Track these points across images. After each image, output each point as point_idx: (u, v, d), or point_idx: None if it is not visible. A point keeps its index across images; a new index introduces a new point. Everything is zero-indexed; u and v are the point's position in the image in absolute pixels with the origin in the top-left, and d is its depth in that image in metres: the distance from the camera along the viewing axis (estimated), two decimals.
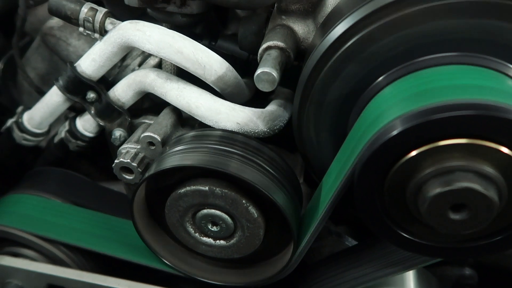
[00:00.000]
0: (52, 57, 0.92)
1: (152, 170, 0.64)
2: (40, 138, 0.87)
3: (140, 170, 0.72)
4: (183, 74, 0.73)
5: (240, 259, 0.70)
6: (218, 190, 0.61)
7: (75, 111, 0.84)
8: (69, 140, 0.83)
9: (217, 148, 0.62)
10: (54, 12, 0.74)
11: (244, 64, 0.79)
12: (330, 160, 0.62)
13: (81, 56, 0.77)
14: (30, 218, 0.80)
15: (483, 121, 0.46)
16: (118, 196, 0.88)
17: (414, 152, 0.49)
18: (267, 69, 0.63)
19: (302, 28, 0.71)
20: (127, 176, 0.74)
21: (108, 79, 0.80)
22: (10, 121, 0.87)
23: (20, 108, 0.87)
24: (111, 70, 0.78)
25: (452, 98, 0.47)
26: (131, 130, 0.79)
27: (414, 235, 0.57)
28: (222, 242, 0.67)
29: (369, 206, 0.54)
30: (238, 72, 0.72)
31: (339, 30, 0.58)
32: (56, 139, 0.87)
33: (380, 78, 0.58)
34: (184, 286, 0.78)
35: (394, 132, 0.48)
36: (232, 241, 0.67)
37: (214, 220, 0.65)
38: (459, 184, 0.47)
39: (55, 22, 0.87)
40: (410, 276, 0.76)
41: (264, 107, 0.73)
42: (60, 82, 0.77)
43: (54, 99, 0.80)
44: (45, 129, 0.86)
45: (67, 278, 0.76)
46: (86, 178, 0.89)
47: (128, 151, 0.73)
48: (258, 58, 0.69)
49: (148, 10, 0.77)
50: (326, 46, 0.59)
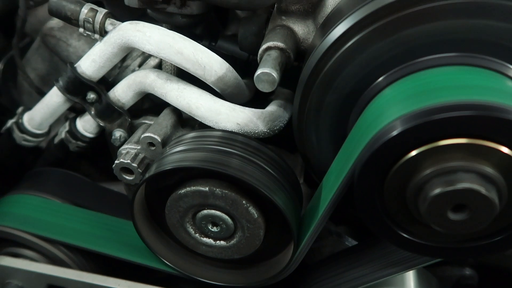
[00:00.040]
0: (52, 57, 0.92)
1: (152, 170, 0.64)
2: (40, 139, 0.87)
3: (140, 171, 0.72)
4: (183, 75, 0.73)
5: (240, 259, 0.70)
6: (218, 190, 0.61)
7: (75, 111, 0.84)
8: (69, 141, 0.83)
9: (217, 148, 0.62)
10: (54, 13, 0.74)
11: (244, 64, 0.79)
12: (330, 160, 0.62)
13: (81, 56, 0.77)
14: (30, 218, 0.80)
15: (483, 121, 0.46)
16: (118, 196, 0.88)
17: (414, 152, 0.49)
18: (267, 69, 0.63)
19: (302, 29, 0.71)
20: (127, 177, 0.74)
21: (108, 80, 0.80)
22: (10, 121, 0.87)
23: (20, 109, 0.87)
24: (111, 70, 0.78)
25: (452, 99, 0.47)
26: (131, 130, 0.79)
27: (414, 235, 0.57)
28: (222, 242, 0.67)
29: (369, 206, 0.54)
30: (238, 72, 0.72)
31: (339, 30, 0.58)
32: (56, 140, 0.87)
33: (380, 79, 0.58)
34: (184, 287, 0.78)
35: (394, 133, 0.48)
36: (232, 241, 0.67)
37: (214, 221, 0.65)
38: (462, 184, 0.47)
39: (55, 23, 0.87)
40: (410, 276, 0.76)
41: (264, 107, 0.73)
42: (60, 82, 0.77)
43: (54, 99, 0.80)
44: (45, 129, 0.86)
45: (67, 279, 0.76)
46: (86, 178, 0.89)
47: (128, 152, 0.73)
48: (258, 58, 0.69)
49: (148, 11, 0.77)
50: (326, 46, 0.59)
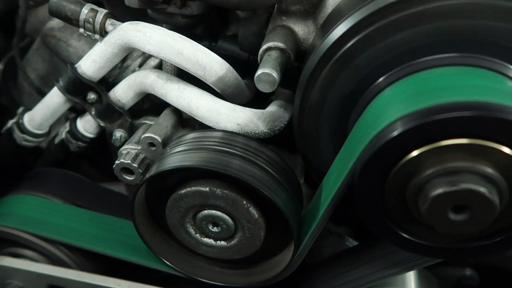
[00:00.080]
0: (52, 58, 0.92)
1: (152, 171, 0.64)
2: (40, 139, 0.87)
3: (140, 171, 0.72)
4: (184, 75, 0.73)
5: (241, 259, 0.70)
6: (218, 191, 0.61)
7: (75, 112, 0.84)
8: (69, 141, 0.83)
9: (217, 149, 0.62)
10: (54, 13, 0.74)
11: (244, 65, 0.79)
12: (330, 160, 0.62)
13: (81, 57, 0.77)
14: (31, 218, 0.81)
15: (484, 121, 0.46)
16: (119, 196, 0.88)
17: (416, 153, 0.49)
18: (267, 70, 0.63)
19: (302, 29, 0.71)
20: (127, 177, 0.74)
21: (109, 80, 0.80)
22: (11, 122, 0.87)
23: (20, 109, 0.87)
24: (111, 71, 0.78)
25: (453, 99, 0.47)
26: (131, 131, 0.79)
27: (414, 236, 0.56)
28: (222, 242, 0.67)
29: (369, 206, 0.54)
30: (238, 73, 0.72)
31: (339, 31, 0.58)
32: (56, 140, 0.87)
33: (381, 79, 0.58)
34: (184, 287, 0.78)
35: (395, 133, 0.48)
36: (232, 242, 0.67)
37: (215, 221, 0.65)
38: (464, 185, 0.47)
39: (55, 23, 0.87)
40: (411, 277, 0.76)
41: (264, 108, 0.73)
42: (61, 83, 0.77)
43: (54, 100, 0.80)
44: (45, 130, 0.86)
45: (67, 279, 0.76)
46: (86, 179, 0.89)
47: (128, 152, 0.73)
48: (259, 59, 0.69)
49: (149, 11, 0.77)
50: (326, 47, 0.59)
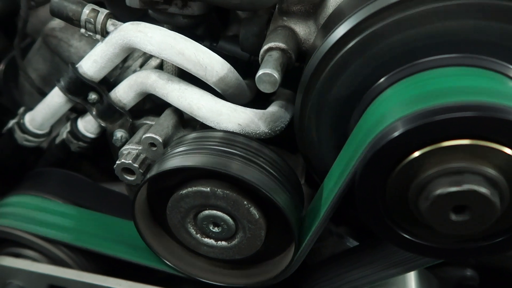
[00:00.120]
0: (53, 58, 0.92)
1: (153, 171, 0.64)
2: (41, 139, 0.87)
3: (141, 171, 0.72)
4: (185, 76, 0.73)
5: (242, 260, 0.70)
6: (219, 191, 0.61)
7: (76, 112, 0.84)
8: (70, 141, 0.83)
9: (218, 149, 0.62)
10: (55, 14, 0.74)
11: (245, 65, 0.79)
12: (331, 161, 0.62)
13: (82, 57, 0.77)
14: (32, 218, 0.81)
15: (486, 122, 0.46)
16: (120, 197, 0.88)
17: (417, 153, 0.49)
18: (268, 70, 0.63)
19: (303, 29, 0.71)
20: (128, 177, 0.74)
21: (110, 80, 0.80)
22: (12, 122, 0.87)
23: (21, 109, 0.87)
24: (112, 71, 0.78)
25: (454, 100, 0.47)
26: (132, 131, 0.79)
27: (415, 236, 0.56)
28: (223, 243, 0.67)
29: (370, 207, 0.54)
30: (239, 73, 0.72)
31: (340, 31, 0.58)
32: (57, 140, 0.87)
33: (382, 79, 0.58)
34: (185, 287, 0.78)
35: (396, 133, 0.48)
36: (233, 242, 0.67)
37: (216, 221, 0.65)
38: (466, 186, 0.47)
39: (56, 23, 0.87)
40: (412, 277, 0.76)
41: (265, 108, 0.73)
42: (62, 83, 0.77)
43: (55, 100, 0.80)
44: (46, 130, 0.86)
45: (68, 279, 0.76)
46: (87, 179, 0.89)
47: (129, 152, 0.73)
48: (260, 59, 0.68)
49: (150, 11, 0.77)
50: (327, 47, 0.59)
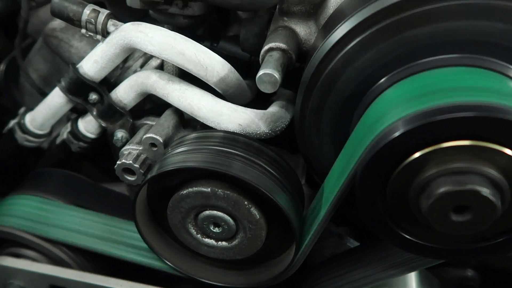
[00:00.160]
0: (54, 58, 0.92)
1: (154, 171, 0.64)
2: (42, 139, 0.87)
3: (142, 172, 0.72)
4: (185, 76, 0.73)
5: (242, 260, 0.70)
6: (220, 191, 0.61)
7: (77, 112, 0.85)
8: (71, 141, 0.83)
9: (219, 149, 0.62)
10: (56, 14, 0.74)
11: (246, 65, 0.79)
12: (332, 161, 0.62)
13: (83, 57, 0.77)
14: (32, 219, 0.81)
15: (486, 122, 0.46)
16: (120, 197, 0.88)
17: (418, 154, 0.49)
18: (269, 70, 0.63)
19: (304, 30, 0.71)
20: (129, 178, 0.74)
21: (110, 81, 0.80)
22: (12, 122, 0.87)
23: (22, 109, 0.87)
24: (113, 71, 0.78)
25: (455, 100, 0.47)
26: (133, 131, 0.79)
27: (416, 237, 0.56)
28: (224, 243, 0.67)
29: (371, 207, 0.54)
30: (239, 73, 0.72)
31: (341, 31, 0.58)
32: (58, 140, 0.87)
33: (382, 80, 0.58)
34: (185, 287, 0.78)
35: (397, 134, 0.48)
36: (234, 242, 0.66)
37: (216, 222, 0.65)
38: (470, 186, 0.47)
39: (57, 23, 0.87)
40: (412, 278, 0.76)
41: (265, 108, 0.73)
42: (62, 83, 0.77)
43: (56, 100, 0.80)
44: (47, 130, 0.86)
45: (69, 279, 0.76)
46: (88, 179, 0.89)
47: (130, 153, 0.73)
48: (260, 59, 0.68)
49: (150, 12, 0.77)
50: (328, 47, 0.59)
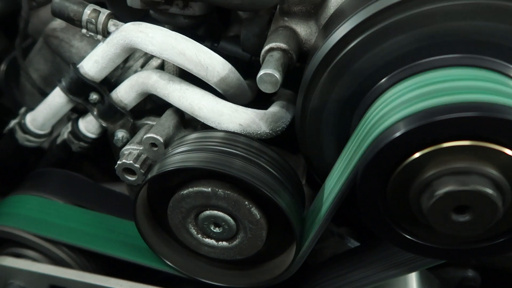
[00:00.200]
0: (54, 58, 0.92)
1: (154, 171, 0.64)
2: (42, 139, 0.87)
3: (142, 172, 0.72)
4: (186, 76, 0.73)
5: (243, 260, 0.70)
6: (220, 191, 0.61)
7: (77, 112, 0.85)
8: (71, 141, 0.83)
9: (219, 149, 0.62)
10: (57, 14, 0.75)
11: (246, 65, 0.79)
12: (332, 161, 0.62)
13: (83, 57, 0.77)
14: (32, 219, 0.81)
15: (487, 122, 0.46)
16: (121, 197, 0.88)
17: (418, 154, 0.49)
18: (269, 70, 0.63)
19: (304, 30, 0.71)
20: (129, 178, 0.74)
21: (111, 81, 0.80)
22: (13, 122, 0.87)
23: (22, 109, 0.87)
24: (113, 71, 0.78)
25: (456, 100, 0.47)
26: (133, 131, 0.79)
27: (417, 237, 0.56)
28: (224, 243, 0.67)
29: (371, 207, 0.54)
30: (240, 73, 0.72)
31: (341, 31, 0.58)
32: (58, 140, 0.87)
33: (383, 80, 0.58)
34: (186, 287, 0.78)
35: (397, 134, 0.48)
36: (234, 242, 0.66)
37: (217, 222, 0.65)
38: (474, 186, 0.47)
39: (57, 23, 0.87)
40: (413, 278, 0.76)
41: (266, 108, 0.73)
42: (63, 83, 0.77)
43: (56, 100, 0.80)
44: (47, 130, 0.86)
45: (69, 279, 0.76)
46: (88, 179, 0.89)
47: (130, 153, 0.73)
48: (261, 59, 0.68)
49: (151, 12, 0.77)
50: (328, 47, 0.59)
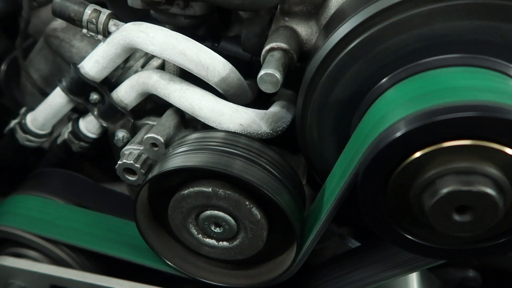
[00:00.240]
0: (55, 58, 0.92)
1: (155, 171, 0.64)
2: (43, 139, 0.87)
3: (143, 171, 0.72)
4: (186, 76, 0.73)
5: (243, 260, 0.70)
6: (221, 191, 0.61)
7: (78, 112, 0.85)
8: (72, 141, 0.83)
9: (220, 149, 0.62)
10: (57, 14, 0.75)
11: (247, 65, 0.79)
12: (333, 161, 0.62)
13: (84, 57, 0.77)
14: (33, 219, 0.81)
15: (487, 122, 0.46)
16: (121, 197, 0.88)
17: (419, 154, 0.49)
18: (270, 70, 0.63)
19: (305, 30, 0.71)
20: (130, 177, 0.74)
21: (111, 81, 0.80)
22: (13, 122, 0.87)
23: (23, 109, 0.87)
24: (114, 71, 0.78)
25: (456, 100, 0.47)
26: (134, 131, 0.79)
27: (417, 237, 0.56)
28: (225, 243, 0.67)
29: (372, 207, 0.54)
30: (241, 73, 0.72)
31: (342, 31, 0.58)
32: (59, 140, 0.87)
33: (384, 80, 0.58)
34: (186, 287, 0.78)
35: (398, 134, 0.48)
36: (235, 242, 0.66)
37: (217, 222, 0.65)
38: (477, 186, 0.47)
39: (58, 23, 0.87)
40: (414, 278, 0.76)
41: (267, 108, 0.73)
42: (64, 83, 0.77)
43: (57, 100, 0.80)
44: (48, 130, 0.86)
45: (69, 279, 0.76)
46: (89, 179, 0.89)
47: (131, 152, 0.73)
48: (261, 59, 0.68)
49: (151, 12, 0.77)
50: (329, 47, 0.59)
